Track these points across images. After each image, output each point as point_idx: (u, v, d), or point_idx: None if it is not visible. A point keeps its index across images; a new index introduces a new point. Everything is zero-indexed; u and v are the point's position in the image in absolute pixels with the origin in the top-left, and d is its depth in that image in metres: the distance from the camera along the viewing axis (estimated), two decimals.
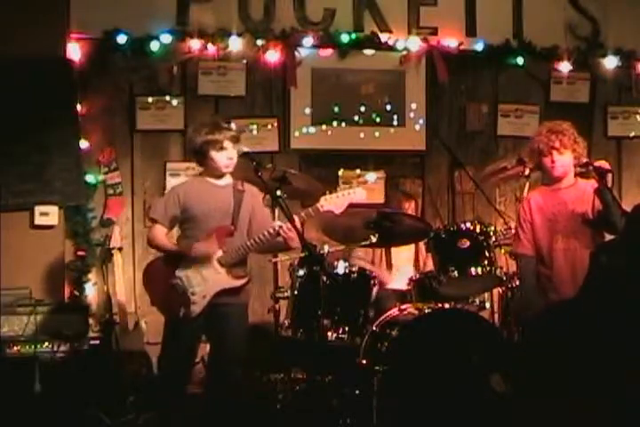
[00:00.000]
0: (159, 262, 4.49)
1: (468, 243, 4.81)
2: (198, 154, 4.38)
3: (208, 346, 4.52)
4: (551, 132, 4.44)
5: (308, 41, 6.09)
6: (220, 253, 4.32)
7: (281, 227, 4.25)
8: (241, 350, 4.47)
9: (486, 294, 5.18)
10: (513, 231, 4.90)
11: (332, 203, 4.31)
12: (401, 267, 5.59)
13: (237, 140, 4.41)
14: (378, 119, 6.29)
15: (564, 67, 6.45)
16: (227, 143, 4.33)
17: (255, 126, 6.11)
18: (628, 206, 3.72)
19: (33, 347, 4.88)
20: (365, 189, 5.89)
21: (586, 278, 2.80)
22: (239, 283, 4.37)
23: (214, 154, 4.34)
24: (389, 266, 5.59)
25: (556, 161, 4.42)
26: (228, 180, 4.45)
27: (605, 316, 2.55)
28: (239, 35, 5.99)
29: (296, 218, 4.26)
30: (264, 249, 4.50)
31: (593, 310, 2.58)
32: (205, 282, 4.32)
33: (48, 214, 5.64)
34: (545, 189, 4.62)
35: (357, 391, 4.73)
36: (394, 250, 5.58)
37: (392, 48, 6.23)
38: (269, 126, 6.15)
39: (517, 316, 4.74)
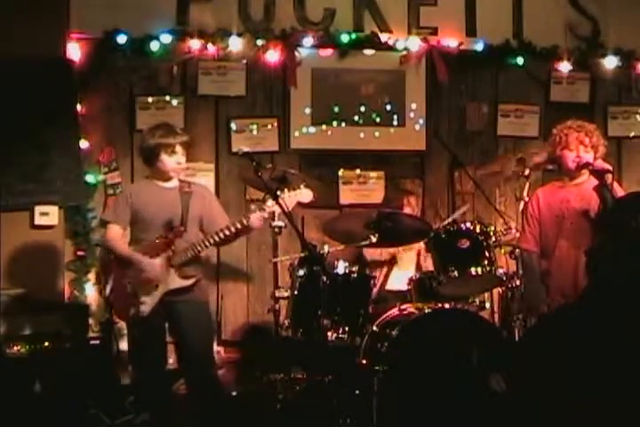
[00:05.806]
0: (113, 264, 4.53)
1: (467, 243, 4.81)
2: (149, 155, 4.48)
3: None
4: (582, 128, 4.47)
5: (308, 41, 6.08)
6: (169, 253, 4.38)
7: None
8: (209, 348, 4.50)
9: (486, 294, 5.18)
10: (513, 231, 4.92)
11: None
12: (403, 267, 5.59)
13: (188, 146, 4.55)
14: (378, 119, 6.28)
15: (564, 67, 6.43)
16: (178, 148, 4.45)
17: (255, 126, 6.11)
18: None
19: (33, 347, 4.88)
20: (365, 189, 5.91)
21: (586, 288, 2.79)
22: (187, 283, 4.45)
23: (165, 157, 4.46)
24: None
25: (581, 157, 4.45)
26: (175, 182, 4.57)
27: (611, 320, 2.55)
28: (239, 35, 5.98)
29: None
30: (222, 242, 4.56)
31: (597, 315, 2.58)
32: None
33: (48, 214, 5.64)
34: (555, 184, 4.65)
35: (357, 391, 4.72)
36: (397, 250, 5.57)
37: (392, 48, 6.22)
38: (269, 126, 6.14)
39: (529, 309, 4.73)
